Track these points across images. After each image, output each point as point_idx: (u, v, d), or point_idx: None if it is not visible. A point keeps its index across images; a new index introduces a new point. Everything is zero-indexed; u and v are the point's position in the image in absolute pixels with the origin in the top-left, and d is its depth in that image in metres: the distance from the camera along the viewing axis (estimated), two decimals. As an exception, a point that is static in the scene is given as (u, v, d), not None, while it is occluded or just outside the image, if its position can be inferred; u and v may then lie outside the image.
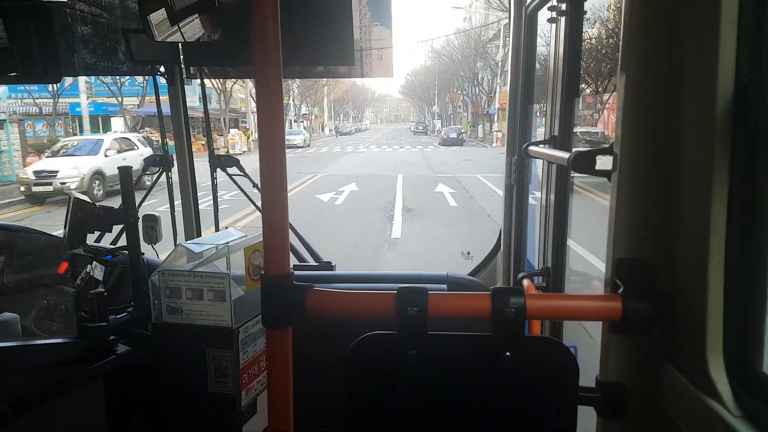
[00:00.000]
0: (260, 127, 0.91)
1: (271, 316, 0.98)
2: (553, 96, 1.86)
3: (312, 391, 1.57)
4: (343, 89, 76.00)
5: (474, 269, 2.88)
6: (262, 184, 0.93)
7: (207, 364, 1.70)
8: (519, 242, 2.40)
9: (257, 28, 0.88)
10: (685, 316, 0.87)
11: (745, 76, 0.76)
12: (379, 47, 2.54)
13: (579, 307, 0.98)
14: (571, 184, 1.85)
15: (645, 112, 0.93)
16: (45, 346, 1.74)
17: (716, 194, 0.78)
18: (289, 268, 0.96)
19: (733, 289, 0.81)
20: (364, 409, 1.05)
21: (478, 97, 48.10)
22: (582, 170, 1.12)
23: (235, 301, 1.68)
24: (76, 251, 2.15)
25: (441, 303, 0.94)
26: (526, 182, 2.38)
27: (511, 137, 2.41)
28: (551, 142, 1.85)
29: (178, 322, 1.71)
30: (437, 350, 0.98)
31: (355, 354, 1.01)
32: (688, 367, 0.86)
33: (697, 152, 0.83)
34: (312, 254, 2.70)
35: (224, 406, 1.71)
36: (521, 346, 0.93)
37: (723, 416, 0.78)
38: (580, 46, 1.71)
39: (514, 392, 0.98)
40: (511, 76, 2.38)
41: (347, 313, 1.00)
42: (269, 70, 0.89)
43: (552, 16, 1.84)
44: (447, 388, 1.01)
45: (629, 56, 0.94)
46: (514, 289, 0.92)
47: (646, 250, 0.95)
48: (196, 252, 1.78)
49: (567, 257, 1.88)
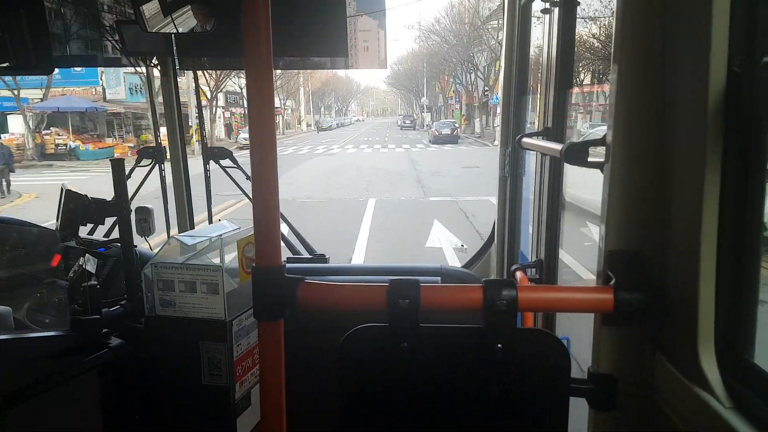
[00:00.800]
0: (251, 118, 0.90)
1: (262, 308, 0.98)
2: (547, 87, 1.85)
3: (305, 384, 1.58)
4: (321, 80, 71.16)
5: (468, 262, 2.89)
6: (253, 176, 0.93)
7: (201, 356, 1.70)
8: (513, 234, 2.41)
9: (248, 18, 0.87)
10: (676, 308, 0.88)
11: (738, 67, 0.75)
12: (366, 38, 2.53)
13: (571, 298, 0.98)
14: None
15: (638, 103, 0.93)
16: (38, 339, 1.73)
17: (708, 186, 0.78)
18: (281, 260, 0.96)
19: (725, 281, 0.81)
20: (356, 401, 1.05)
21: (472, 85, 41.98)
22: (575, 162, 1.12)
23: (229, 293, 1.68)
24: (69, 244, 2.14)
25: (433, 295, 0.94)
26: (519, 174, 2.38)
27: (505, 129, 2.41)
28: (545, 134, 1.85)
29: (172, 314, 1.70)
30: (429, 342, 0.98)
31: (346, 346, 1.01)
32: (680, 359, 0.87)
33: (690, 143, 0.83)
34: (305, 246, 2.69)
35: (218, 398, 1.71)
36: (513, 338, 0.94)
37: (714, 407, 0.78)
38: (574, 37, 1.71)
39: (505, 384, 0.99)
40: (504, 67, 2.38)
41: (339, 306, 1.00)
42: (260, 61, 0.88)
43: (545, 6, 1.84)
44: (439, 380, 1.01)
45: (622, 47, 0.93)
46: (506, 281, 0.92)
47: (639, 242, 0.96)
48: (189, 244, 1.77)
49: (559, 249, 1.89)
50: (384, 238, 9.24)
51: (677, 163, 0.87)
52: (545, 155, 1.89)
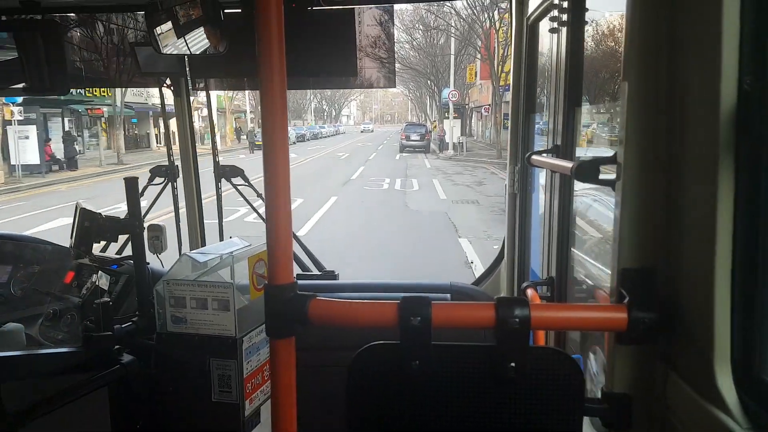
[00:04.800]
0: (264, 138, 0.92)
1: (274, 325, 0.98)
2: (556, 105, 1.86)
3: (316, 401, 1.57)
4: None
5: (478, 279, 2.87)
6: (266, 194, 0.94)
7: (211, 373, 1.70)
8: (523, 251, 2.40)
9: (262, 41, 0.89)
10: (691, 326, 0.87)
11: (748, 85, 0.76)
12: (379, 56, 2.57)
13: (584, 317, 0.97)
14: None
15: (648, 121, 0.94)
16: (50, 355, 1.75)
17: (721, 203, 0.78)
18: (293, 278, 0.97)
19: (740, 298, 0.80)
20: (366, 419, 1.05)
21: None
22: (586, 180, 1.12)
23: (239, 310, 1.68)
24: (82, 261, 2.17)
25: (444, 313, 0.94)
26: (529, 191, 2.38)
27: (514, 146, 2.42)
28: (554, 152, 1.85)
29: (183, 331, 1.71)
30: (441, 361, 0.97)
31: (357, 364, 1.01)
32: (695, 378, 0.86)
33: (701, 161, 0.83)
34: (315, 263, 2.70)
35: (228, 415, 1.70)
36: (526, 356, 0.93)
37: (731, 428, 0.77)
38: (582, 56, 1.72)
39: (518, 403, 0.98)
40: (513, 85, 2.40)
41: (350, 323, 1.00)
42: (274, 83, 0.90)
43: (553, 26, 1.86)
44: (450, 399, 1.00)
45: (631, 65, 0.94)
46: (519, 299, 0.91)
47: (652, 260, 0.95)
48: (201, 261, 1.79)
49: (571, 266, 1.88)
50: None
51: (689, 180, 0.87)
52: (555, 173, 1.89)
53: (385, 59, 2.64)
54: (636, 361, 0.99)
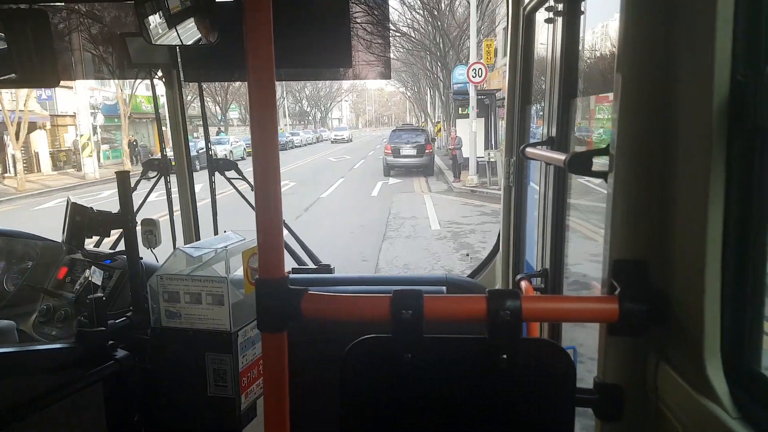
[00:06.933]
0: (253, 130, 0.91)
1: (266, 319, 0.98)
2: (551, 97, 1.85)
3: (309, 395, 1.57)
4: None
5: (473, 271, 2.88)
6: (256, 187, 0.93)
7: (206, 367, 1.70)
8: (518, 244, 2.40)
9: (250, 31, 0.88)
10: (682, 318, 0.87)
11: (742, 76, 0.75)
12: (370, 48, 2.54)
13: (575, 308, 0.97)
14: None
15: (641, 113, 0.93)
16: (44, 351, 1.74)
17: (713, 195, 0.78)
18: (284, 272, 0.96)
19: (731, 290, 0.80)
20: (359, 412, 1.05)
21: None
22: (579, 171, 1.11)
23: (234, 304, 1.68)
24: (75, 256, 2.15)
25: (436, 306, 0.94)
26: (524, 184, 2.37)
27: (510, 138, 2.41)
28: (549, 144, 1.85)
29: (177, 326, 1.70)
30: (433, 353, 0.97)
31: (350, 357, 1.01)
32: (686, 369, 0.86)
33: (694, 153, 0.83)
34: (310, 257, 2.69)
35: (224, 409, 1.70)
36: (518, 348, 0.93)
37: (721, 418, 0.77)
38: (578, 46, 1.71)
39: (511, 395, 0.98)
40: (508, 77, 2.38)
41: (343, 317, 1.00)
42: (262, 73, 0.89)
43: (549, 16, 1.84)
44: (443, 391, 1.00)
45: (625, 56, 0.94)
46: (510, 291, 0.91)
47: (643, 251, 0.95)
48: (195, 256, 1.78)
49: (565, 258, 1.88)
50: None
51: (681, 173, 0.86)
52: (549, 165, 1.89)
53: (380, 49, 2.62)
54: (627, 352, 0.99)
